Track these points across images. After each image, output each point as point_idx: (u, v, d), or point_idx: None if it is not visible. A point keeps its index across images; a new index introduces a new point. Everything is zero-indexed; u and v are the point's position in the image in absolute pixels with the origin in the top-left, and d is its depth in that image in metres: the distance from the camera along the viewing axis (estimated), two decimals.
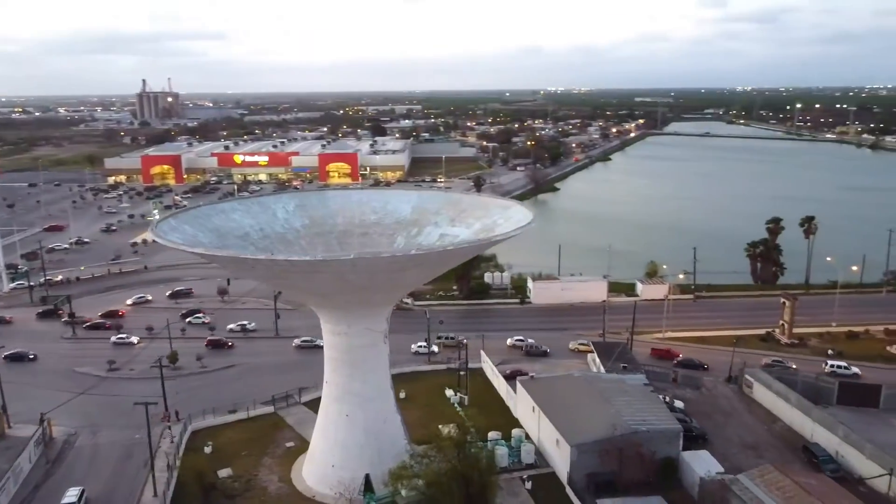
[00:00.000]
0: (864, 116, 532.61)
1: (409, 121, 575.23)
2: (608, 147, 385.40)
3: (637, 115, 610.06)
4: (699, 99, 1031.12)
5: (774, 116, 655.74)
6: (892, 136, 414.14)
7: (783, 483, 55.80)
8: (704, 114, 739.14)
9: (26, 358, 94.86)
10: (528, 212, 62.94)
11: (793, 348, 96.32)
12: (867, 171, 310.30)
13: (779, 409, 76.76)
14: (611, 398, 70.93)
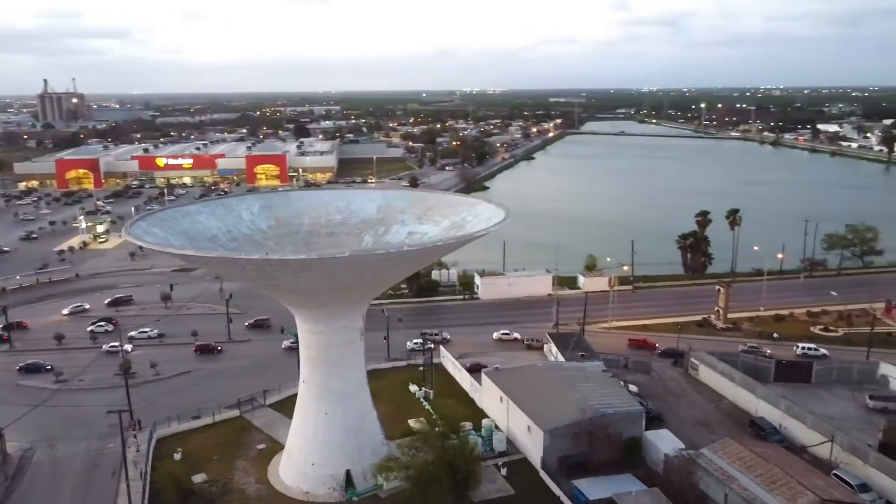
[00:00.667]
0: (763, 115, 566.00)
1: (330, 122, 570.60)
2: (531, 146, 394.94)
3: (554, 115, 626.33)
4: (610, 99, 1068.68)
5: (682, 116, 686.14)
6: (790, 133, 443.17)
7: (743, 454, 60.53)
8: (617, 113, 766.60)
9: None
10: (496, 208, 65.30)
11: (727, 332, 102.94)
12: (771, 167, 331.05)
13: (724, 389, 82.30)
14: (574, 384, 74.37)
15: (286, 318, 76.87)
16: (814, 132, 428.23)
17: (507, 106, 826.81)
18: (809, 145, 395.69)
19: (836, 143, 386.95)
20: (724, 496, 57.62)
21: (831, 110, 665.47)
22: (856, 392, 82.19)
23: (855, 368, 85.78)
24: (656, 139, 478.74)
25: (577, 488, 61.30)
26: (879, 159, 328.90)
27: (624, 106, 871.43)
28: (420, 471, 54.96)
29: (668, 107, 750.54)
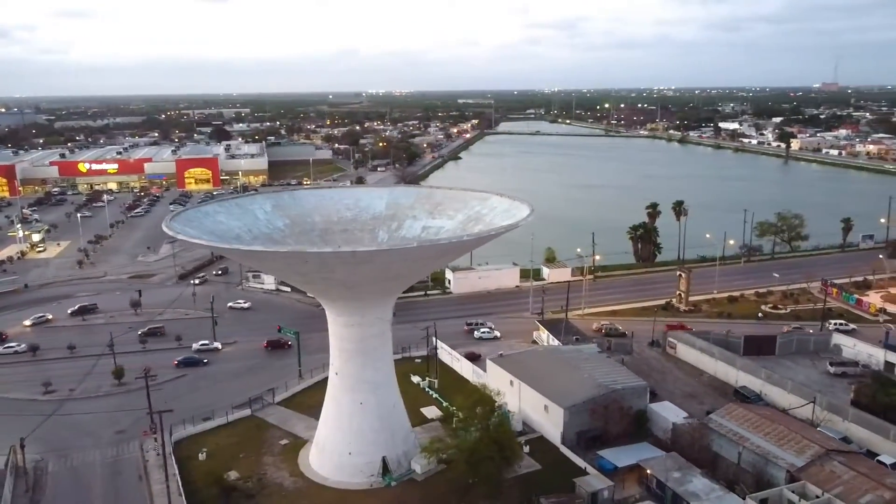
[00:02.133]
0: (666, 114, 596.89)
1: (244, 124, 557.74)
2: (455, 146, 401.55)
3: (468, 116, 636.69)
4: (516, 100, 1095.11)
5: (590, 116, 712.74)
6: (694, 131, 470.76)
7: (748, 416, 67.11)
8: (527, 114, 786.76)
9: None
10: (510, 200, 69.06)
11: (690, 314, 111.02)
12: (684, 162, 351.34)
13: (703, 364, 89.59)
14: (578, 365, 79.45)
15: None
16: (716, 130, 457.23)
17: (416, 107, 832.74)
18: (714, 142, 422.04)
19: (738, 140, 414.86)
20: (738, 454, 63.92)
21: (724, 109, 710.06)
22: (814, 360, 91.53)
23: (811, 340, 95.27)
24: (571, 138, 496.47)
25: (602, 458, 66.14)
26: (778, 154, 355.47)
27: (531, 107, 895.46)
28: (472, 449, 58.09)
29: (575, 107, 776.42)
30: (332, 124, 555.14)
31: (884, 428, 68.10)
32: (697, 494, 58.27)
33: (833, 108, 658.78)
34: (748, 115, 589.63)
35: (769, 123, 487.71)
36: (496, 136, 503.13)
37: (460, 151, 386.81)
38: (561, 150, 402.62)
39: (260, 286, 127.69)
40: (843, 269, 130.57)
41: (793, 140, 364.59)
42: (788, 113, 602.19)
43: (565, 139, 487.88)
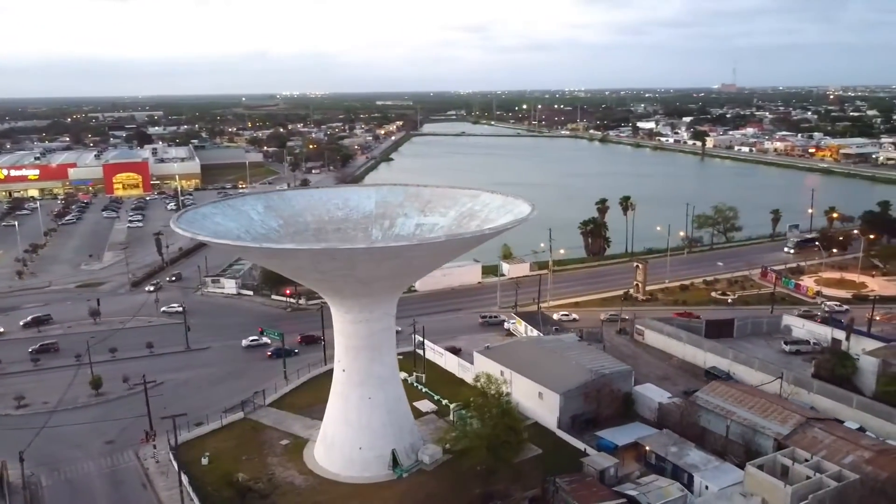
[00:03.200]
0: (585, 115, 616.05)
1: (159, 128, 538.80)
2: (384, 147, 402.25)
3: (391, 118, 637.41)
4: (434, 101, 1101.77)
5: (512, 116, 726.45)
6: (613, 130, 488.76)
7: (731, 392, 72.28)
8: (449, 115, 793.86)
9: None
10: (502, 197, 71.67)
11: (648, 303, 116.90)
12: (608, 160, 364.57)
13: (672, 348, 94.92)
14: (563, 353, 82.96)
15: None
16: (634, 129, 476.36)
17: (335, 109, 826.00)
18: (634, 141, 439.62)
19: (655, 139, 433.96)
20: (726, 427, 68.81)
21: (637, 109, 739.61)
22: (769, 340, 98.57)
23: (764, 322, 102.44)
24: (496, 139, 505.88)
25: (602, 438, 69.69)
26: (695, 152, 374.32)
27: (450, 108, 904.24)
28: (490, 435, 60.31)
29: (496, 108, 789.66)
30: (254, 127, 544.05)
31: (846, 397, 74.75)
32: (696, 465, 62.58)
33: (736, 108, 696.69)
34: (660, 115, 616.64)
35: (681, 123, 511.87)
36: (422, 138, 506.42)
37: (391, 153, 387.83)
38: (489, 150, 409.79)
39: (220, 290, 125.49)
40: (778, 257, 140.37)
41: (707, 138, 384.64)
42: (696, 113, 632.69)
43: (491, 139, 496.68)
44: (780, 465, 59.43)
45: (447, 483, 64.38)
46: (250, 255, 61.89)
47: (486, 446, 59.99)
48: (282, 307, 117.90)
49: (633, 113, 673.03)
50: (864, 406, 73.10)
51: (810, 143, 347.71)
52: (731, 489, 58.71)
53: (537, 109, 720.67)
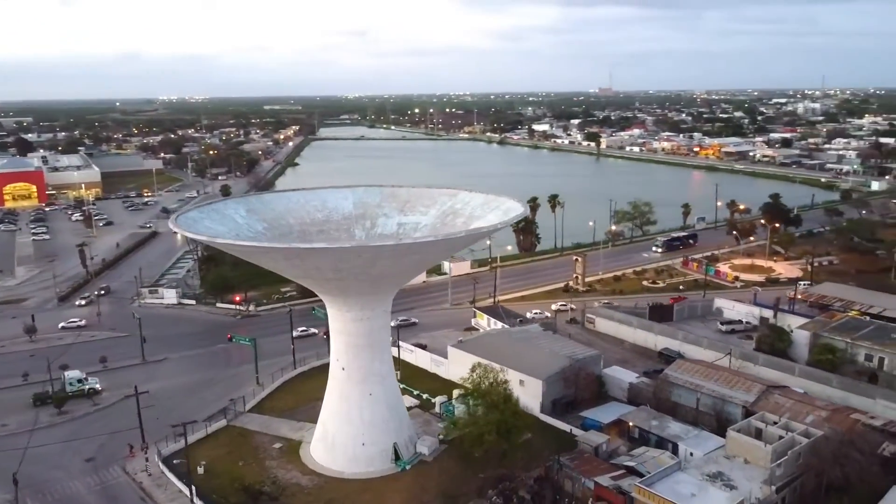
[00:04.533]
0: (480, 118, 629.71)
1: (32, 135, 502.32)
2: (286, 152, 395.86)
3: (286, 122, 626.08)
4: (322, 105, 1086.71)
5: (407, 120, 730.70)
6: (510, 133, 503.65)
7: (696, 368, 79.06)
8: (342, 119, 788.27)
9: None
10: (482, 195, 74.94)
11: (588, 293, 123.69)
12: (511, 161, 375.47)
13: (623, 333, 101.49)
14: (534, 342, 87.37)
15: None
16: (530, 131, 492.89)
17: (221, 114, 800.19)
18: (532, 143, 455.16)
19: (551, 140, 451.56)
20: (697, 400, 75.29)
21: (526, 112, 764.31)
22: (704, 322, 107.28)
23: (699, 305, 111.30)
24: (396, 142, 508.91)
25: (587, 418, 74.38)
26: (590, 152, 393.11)
27: (340, 112, 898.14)
28: (499, 420, 63.38)
29: (390, 112, 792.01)
30: (140, 133, 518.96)
31: (789, 367, 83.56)
32: (679, 435, 68.37)
33: (617, 111, 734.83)
34: (549, 118, 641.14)
35: (570, 125, 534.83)
36: (322, 142, 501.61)
37: (294, 157, 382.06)
38: (392, 154, 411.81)
39: (159, 301, 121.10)
40: (694, 247, 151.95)
41: (600, 139, 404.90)
42: (581, 115, 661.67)
43: (391, 143, 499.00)
44: (755, 429, 66.08)
45: (451, 471, 66.80)
46: (269, 257, 61.54)
47: (497, 431, 62.97)
48: (231, 315, 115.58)
49: (524, 116, 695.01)
50: (805, 374, 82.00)
51: (693, 143, 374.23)
52: (715, 453, 64.78)
53: (432, 113, 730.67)
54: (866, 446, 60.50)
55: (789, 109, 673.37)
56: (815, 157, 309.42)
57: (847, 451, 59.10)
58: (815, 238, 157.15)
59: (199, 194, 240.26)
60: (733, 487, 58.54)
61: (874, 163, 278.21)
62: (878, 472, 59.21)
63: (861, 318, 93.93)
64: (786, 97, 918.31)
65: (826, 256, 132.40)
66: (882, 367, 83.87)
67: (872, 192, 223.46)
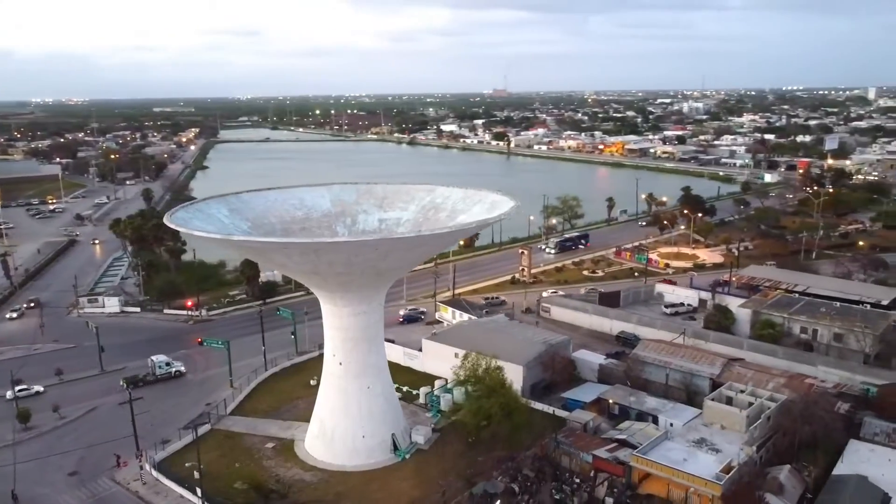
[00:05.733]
0: (387, 119, 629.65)
1: None
2: (191, 155, 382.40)
3: (182, 125, 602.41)
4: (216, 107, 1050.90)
5: (311, 121, 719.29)
6: (418, 133, 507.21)
7: (662, 346, 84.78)
8: (243, 122, 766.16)
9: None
10: (462, 190, 77.46)
11: (534, 285, 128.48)
12: (426, 161, 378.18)
13: (579, 320, 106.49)
14: (507, 330, 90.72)
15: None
16: (438, 132, 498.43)
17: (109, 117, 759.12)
18: (442, 143, 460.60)
19: (460, 140, 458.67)
20: (666, 375, 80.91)
21: (429, 113, 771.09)
22: (648, 306, 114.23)
23: (641, 291, 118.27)
24: (304, 144, 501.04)
25: (569, 399, 78.30)
26: (501, 151, 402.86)
27: (237, 114, 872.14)
28: (503, 404, 66.08)
29: (293, 114, 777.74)
30: (23, 137, 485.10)
31: (738, 342, 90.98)
32: (657, 409, 73.57)
33: (516, 111, 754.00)
34: (452, 118, 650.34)
35: (475, 125, 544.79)
36: (226, 145, 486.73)
37: (201, 160, 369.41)
38: (302, 155, 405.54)
39: (100, 310, 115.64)
40: (621, 238, 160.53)
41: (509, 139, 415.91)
42: (483, 115, 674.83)
43: (299, 145, 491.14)
44: (725, 398, 72.12)
45: (449, 457, 68.84)
46: (283, 253, 61.14)
47: (505, 415, 65.66)
48: (181, 320, 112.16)
49: (428, 117, 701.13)
50: (752, 347, 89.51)
51: (596, 141, 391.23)
52: (693, 422, 70.24)
53: (336, 114, 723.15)
54: (827, 406, 67.59)
55: (676, 109, 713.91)
56: (710, 152, 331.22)
57: (813, 410, 65.81)
58: (728, 226, 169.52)
59: (109, 200, 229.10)
60: (718, 451, 63.88)
61: (763, 157, 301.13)
62: (840, 429, 66.46)
63: (791, 296, 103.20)
64: (668, 97, 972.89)
65: (742, 243, 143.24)
66: (816, 338, 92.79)
67: (766, 183, 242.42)
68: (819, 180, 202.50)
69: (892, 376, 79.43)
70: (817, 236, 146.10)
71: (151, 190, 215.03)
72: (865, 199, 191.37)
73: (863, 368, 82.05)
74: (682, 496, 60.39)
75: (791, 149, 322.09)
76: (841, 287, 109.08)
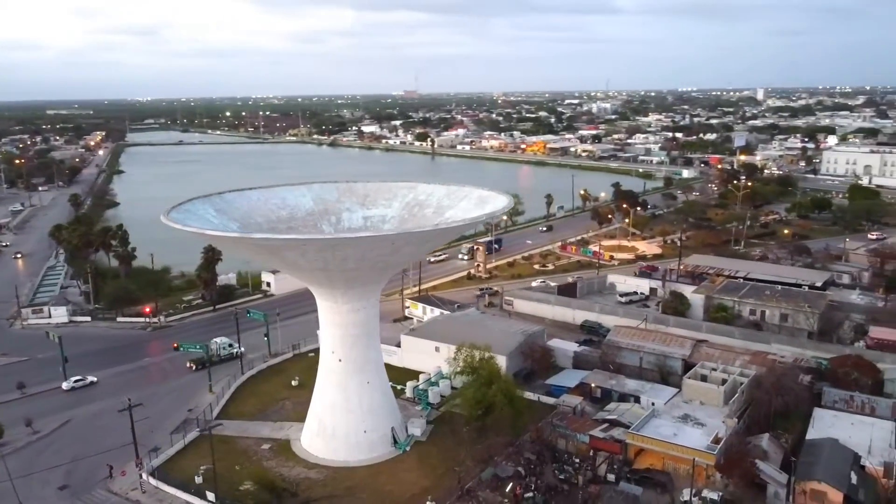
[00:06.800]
0: (304, 120, 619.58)
1: None
2: (104, 160, 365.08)
3: (85, 128, 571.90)
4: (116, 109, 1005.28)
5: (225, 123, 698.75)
6: (339, 135, 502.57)
7: (633, 332, 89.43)
8: (149, 124, 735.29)
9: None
10: (444, 186, 79.29)
11: (492, 279, 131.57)
12: (352, 162, 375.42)
13: (542, 311, 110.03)
14: (482, 323, 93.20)
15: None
16: (359, 133, 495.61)
17: None
18: (365, 144, 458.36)
19: (381, 141, 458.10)
20: (640, 359, 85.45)
21: (345, 114, 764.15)
22: (603, 296, 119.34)
23: (595, 282, 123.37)
24: (221, 146, 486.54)
25: (553, 385, 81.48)
26: (425, 151, 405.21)
27: (143, 116, 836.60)
28: (505, 391, 68.29)
29: (203, 116, 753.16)
30: None
31: (696, 325, 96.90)
32: (638, 390, 77.83)
33: (431, 112, 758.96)
34: (370, 119, 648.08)
35: (394, 126, 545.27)
36: (138, 148, 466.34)
37: (115, 165, 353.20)
38: (221, 158, 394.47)
39: (45, 321, 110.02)
40: (564, 232, 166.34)
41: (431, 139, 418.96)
42: (400, 116, 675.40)
43: (216, 147, 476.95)
44: (700, 376, 77.16)
45: (448, 446, 70.23)
46: (298, 251, 60.74)
47: (506, 401, 67.86)
48: (139, 328, 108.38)
49: (344, 118, 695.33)
50: (710, 329, 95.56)
51: (517, 141, 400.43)
52: (674, 400, 74.87)
53: (250, 116, 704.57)
54: (794, 378, 73.65)
55: (586, 109, 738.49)
56: (627, 150, 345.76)
57: (783, 382, 71.61)
58: (659, 219, 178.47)
59: (24, 206, 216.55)
60: (703, 425, 68.53)
61: (678, 154, 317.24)
62: (808, 399, 72.62)
63: (737, 281, 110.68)
64: (575, 98, 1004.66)
65: (685, 234, 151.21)
66: (763, 319, 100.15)
67: (685, 179, 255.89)
68: (735, 175, 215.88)
69: (837, 349, 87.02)
70: (744, 227, 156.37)
71: (79, 195, 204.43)
72: (778, 192, 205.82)
73: (812, 344, 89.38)
74: (673, 468, 64.59)
75: (700, 146, 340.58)
76: (776, 272, 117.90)
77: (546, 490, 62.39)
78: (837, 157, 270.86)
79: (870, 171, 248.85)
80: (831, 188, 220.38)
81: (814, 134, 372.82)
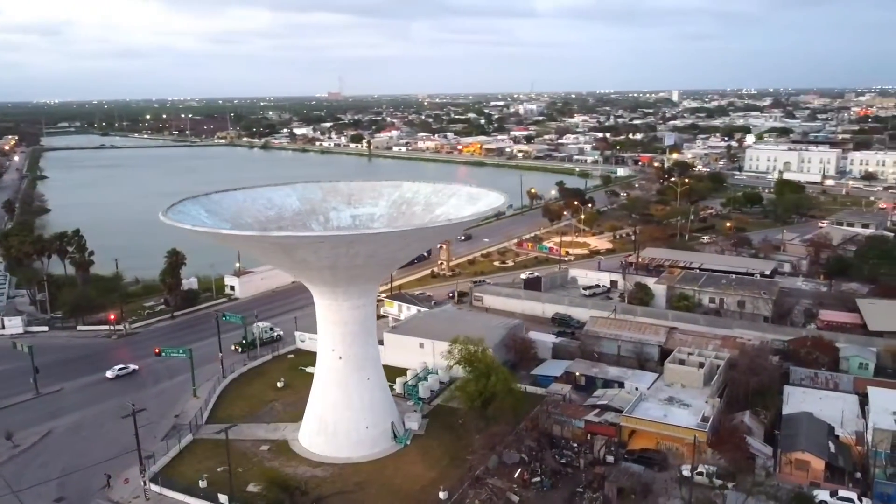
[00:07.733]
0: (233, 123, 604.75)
1: None
2: (20, 165, 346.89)
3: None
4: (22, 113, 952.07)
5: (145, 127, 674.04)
6: (270, 137, 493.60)
7: (609, 322, 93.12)
8: (66, 128, 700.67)
9: None
10: (430, 184, 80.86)
11: (454, 277, 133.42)
12: (287, 166, 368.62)
13: (511, 306, 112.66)
14: (462, 318, 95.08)
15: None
16: (291, 135, 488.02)
17: None
18: (299, 146, 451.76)
19: (317, 144, 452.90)
20: (618, 347, 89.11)
21: (271, 117, 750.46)
22: (566, 289, 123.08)
23: (558, 277, 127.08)
24: (147, 150, 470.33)
25: (539, 375, 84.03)
26: (361, 153, 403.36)
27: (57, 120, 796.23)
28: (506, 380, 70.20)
29: (123, 119, 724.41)
30: None
31: (663, 314, 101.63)
32: (620, 376, 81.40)
33: (359, 114, 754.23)
34: (298, 121, 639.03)
35: (324, 128, 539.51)
36: (56, 152, 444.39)
37: (35, 169, 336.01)
38: (150, 162, 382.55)
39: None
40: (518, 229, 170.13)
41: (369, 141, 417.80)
42: (327, 119, 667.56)
43: (142, 151, 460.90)
44: (678, 360, 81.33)
45: (447, 438, 71.80)
46: (311, 248, 60.45)
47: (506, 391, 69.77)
48: (103, 336, 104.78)
49: (271, 120, 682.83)
50: (676, 317, 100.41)
51: (452, 142, 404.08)
52: (656, 385, 78.70)
53: (173, 119, 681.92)
54: (765, 358, 78.69)
55: (513, 111, 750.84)
56: (561, 150, 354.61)
57: (757, 363, 76.49)
58: (604, 216, 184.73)
59: None
60: (688, 405, 72.49)
61: (611, 153, 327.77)
62: (780, 378, 77.77)
63: (693, 272, 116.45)
64: (500, 100, 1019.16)
65: (636, 228, 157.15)
66: (722, 306, 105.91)
67: (620, 177, 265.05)
68: (670, 172, 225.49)
69: (793, 332, 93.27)
70: (689, 221, 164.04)
71: (12, 201, 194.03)
72: (710, 188, 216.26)
73: (770, 327, 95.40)
74: (666, 447, 68.12)
75: (630, 146, 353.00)
76: (726, 262, 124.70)
77: (552, 474, 64.68)
78: (759, 154, 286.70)
79: (789, 167, 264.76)
80: (758, 184, 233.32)
81: (731, 133, 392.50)
